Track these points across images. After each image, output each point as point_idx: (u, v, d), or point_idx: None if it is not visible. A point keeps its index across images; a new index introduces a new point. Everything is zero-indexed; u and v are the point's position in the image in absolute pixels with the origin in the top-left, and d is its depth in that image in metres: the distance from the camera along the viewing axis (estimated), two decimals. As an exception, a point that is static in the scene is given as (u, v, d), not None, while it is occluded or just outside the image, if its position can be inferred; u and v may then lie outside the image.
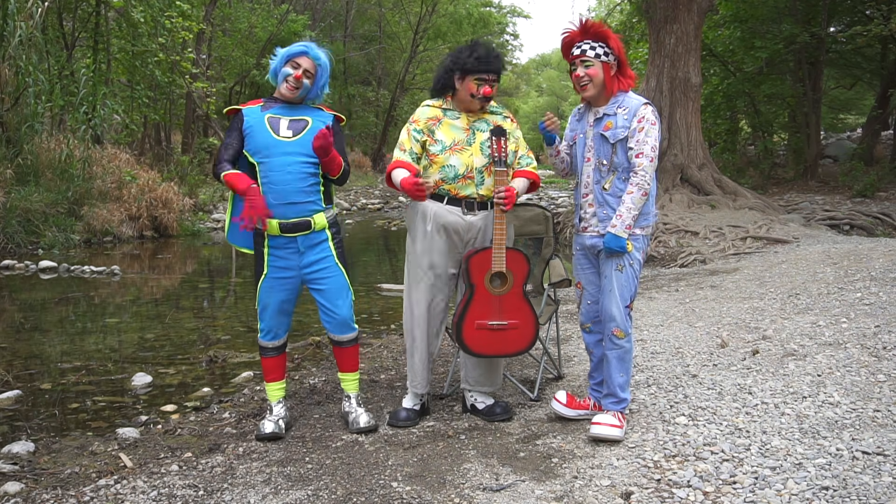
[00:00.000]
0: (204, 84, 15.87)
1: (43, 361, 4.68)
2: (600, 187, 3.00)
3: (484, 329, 3.12)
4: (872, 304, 4.47)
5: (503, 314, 3.12)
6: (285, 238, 3.09)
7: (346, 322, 3.20)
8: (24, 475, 2.83)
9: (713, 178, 11.30)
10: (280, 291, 3.13)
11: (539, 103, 54.83)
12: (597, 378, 3.21)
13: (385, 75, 28.43)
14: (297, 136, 3.08)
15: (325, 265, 3.13)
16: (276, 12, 21.07)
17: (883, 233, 10.23)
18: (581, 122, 3.10)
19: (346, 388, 3.31)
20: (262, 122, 3.10)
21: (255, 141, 3.07)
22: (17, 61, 9.73)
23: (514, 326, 3.13)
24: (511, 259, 3.08)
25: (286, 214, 3.05)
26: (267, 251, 3.11)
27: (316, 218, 3.10)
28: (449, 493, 2.54)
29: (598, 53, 2.91)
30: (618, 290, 2.97)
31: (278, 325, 3.20)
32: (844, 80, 19.81)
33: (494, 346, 3.14)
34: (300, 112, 3.15)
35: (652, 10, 11.39)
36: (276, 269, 3.11)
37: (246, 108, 3.18)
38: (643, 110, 2.92)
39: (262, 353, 3.25)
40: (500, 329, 3.12)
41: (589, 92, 2.96)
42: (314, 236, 3.12)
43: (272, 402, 3.26)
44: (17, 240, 9.04)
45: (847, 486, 2.30)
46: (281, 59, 3.11)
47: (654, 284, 6.66)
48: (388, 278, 7.90)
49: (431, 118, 3.18)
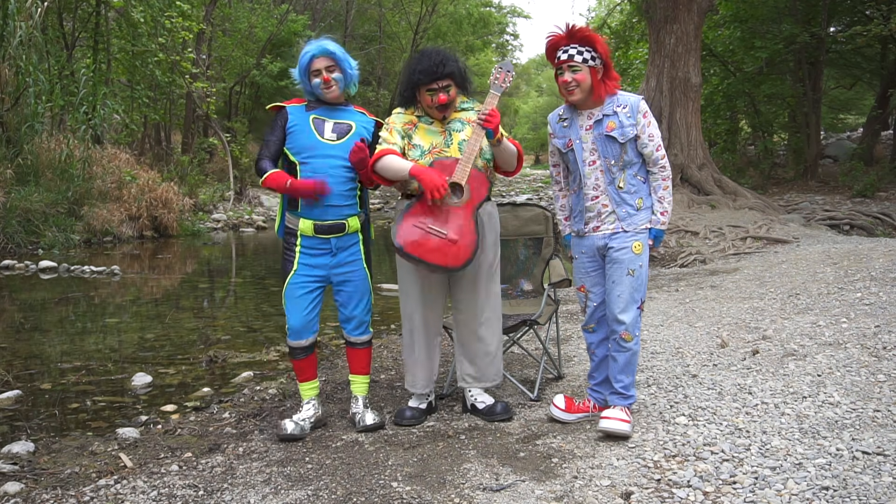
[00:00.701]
0: (204, 84, 15.88)
1: (43, 361, 4.68)
2: (614, 187, 2.99)
3: (420, 228, 2.97)
4: (872, 304, 4.48)
5: (446, 224, 2.98)
6: (319, 239, 3.10)
7: (364, 324, 3.24)
8: (24, 475, 2.83)
9: (713, 178, 11.31)
10: (307, 290, 3.12)
11: (539, 103, 54.84)
12: (597, 378, 3.20)
13: (385, 75, 28.43)
14: (341, 139, 3.10)
15: (354, 268, 3.17)
16: (276, 12, 21.09)
17: (883, 233, 10.23)
18: (571, 128, 3.06)
19: (357, 390, 3.31)
20: (306, 123, 3.10)
21: (298, 141, 3.08)
22: (17, 61, 9.74)
23: (452, 241, 2.97)
24: (474, 177, 3.04)
25: (323, 216, 3.07)
26: (298, 249, 3.12)
27: (350, 221, 3.13)
28: (449, 493, 2.54)
29: (585, 58, 2.91)
30: (629, 294, 2.96)
31: (305, 325, 3.17)
32: (844, 80, 19.82)
33: (427, 252, 2.95)
34: (344, 115, 3.18)
35: (652, 10, 11.39)
36: (305, 266, 3.11)
37: (290, 105, 3.18)
38: (642, 105, 2.99)
39: (292, 355, 3.23)
40: (436, 235, 2.97)
41: (576, 97, 2.96)
42: (347, 239, 3.14)
43: (303, 399, 3.27)
44: (17, 240, 9.05)
45: (847, 486, 2.30)
46: (301, 76, 3.12)
47: (654, 284, 6.66)
48: (388, 278, 7.90)
49: (407, 123, 3.18)
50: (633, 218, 3.00)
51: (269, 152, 3.12)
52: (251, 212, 14.38)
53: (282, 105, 3.19)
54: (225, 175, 16.14)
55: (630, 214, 2.99)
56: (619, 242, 2.99)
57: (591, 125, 3.01)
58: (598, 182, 3.01)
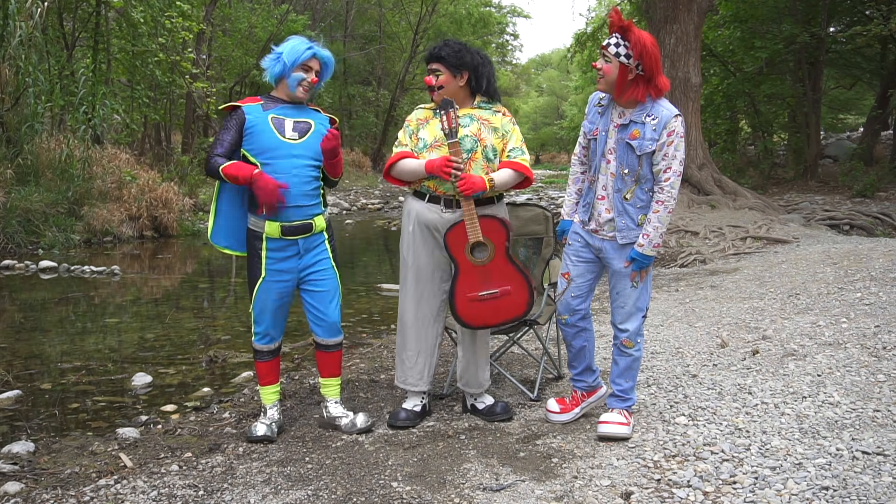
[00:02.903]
0: (204, 84, 15.87)
1: (43, 361, 4.68)
2: (621, 196, 2.89)
3: (476, 301, 3.07)
4: (872, 304, 4.48)
5: (492, 283, 3.07)
6: (286, 241, 3.04)
7: (336, 325, 3.18)
8: (24, 475, 2.83)
9: (713, 178, 11.31)
10: (278, 294, 3.08)
11: (539, 103, 54.80)
12: (577, 368, 3.17)
13: (385, 75, 28.44)
14: (303, 138, 3.05)
15: (322, 267, 3.12)
16: (276, 12, 21.07)
17: (883, 233, 10.23)
18: (604, 117, 2.95)
19: (329, 393, 3.26)
20: (265, 122, 3.02)
21: (258, 141, 3.00)
22: (17, 61, 9.72)
23: (507, 293, 3.07)
24: (486, 227, 3.04)
25: (289, 217, 3.01)
26: (265, 254, 3.04)
27: (317, 220, 3.09)
28: (449, 493, 2.54)
29: (618, 52, 2.79)
30: (633, 304, 2.93)
31: (275, 329, 3.16)
32: (844, 80, 19.82)
33: (490, 316, 3.08)
34: (302, 113, 3.11)
35: (652, 10, 11.39)
36: (274, 272, 3.05)
37: (246, 105, 3.08)
38: (673, 123, 2.80)
39: (257, 357, 3.20)
40: (491, 298, 3.07)
41: (600, 86, 2.89)
42: (314, 238, 3.10)
43: (266, 405, 3.23)
44: (17, 240, 9.04)
45: (847, 486, 2.30)
46: (289, 63, 3.00)
47: (654, 284, 6.66)
48: (388, 278, 7.90)
49: (421, 119, 3.20)
50: (630, 232, 2.90)
51: (222, 150, 2.98)
52: (251, 212, 14.39)
53: (237, 105, 3.08)
54: (225, 175, 16.14)
55: (629, 227, 2.90)
56: (619, 255, 2.92)
57: (619, 125, 2.89)
58: (606, 184, 2.93)
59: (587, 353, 3.14)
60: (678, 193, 2.90)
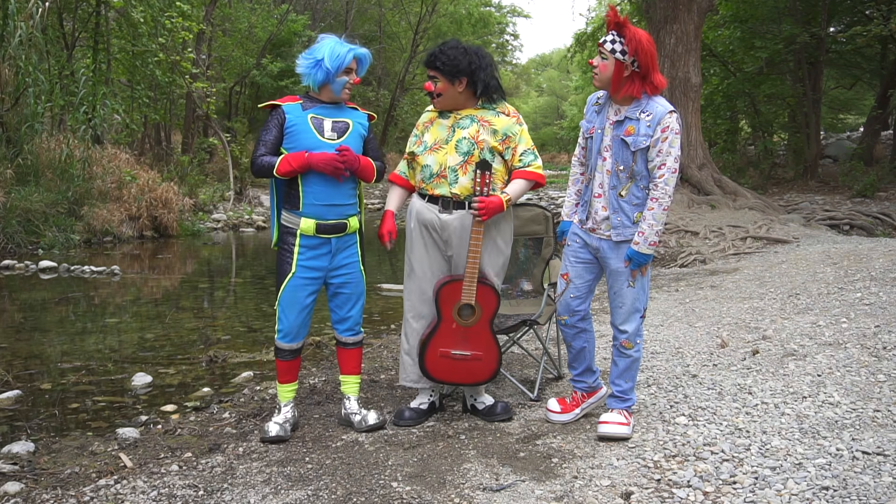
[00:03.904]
0: (204, 84, 15.87)
1: (43, 361, 4.68)
2: (616, 193, 2.90)
3: (447, 358, 3.15)
4: (872, 304, 4.47)
5: (468, 345, 3.14)
6: (319, 239, 3.04)
7: (358, 324, 3.23)
8: (24, 475, 2.83)
9: (713, 178, 11.32)
10: (306, 293, 3.07)
11: (539, 103, 54.78)
12: (577, 369, 3.18)
13: (385, 75, 28.42)
14: (341, 138, 3.05)
15: (351, 270, 3.14)
16: (276, 12, 21.09)
17: (883, 233, 10.23)
18: (600, 115, 2.97)
19: (348, 390, 3.30)
20: (305, 122, 3.01)
21: (298, 141, 2.99)
22: (17, 61, 9.73)
23: (477, 358, 3.15)
24: (481, 294, 3.07)
25: (325, 216, 3.02)
26: (297, 250, 3.04)
27: (351, 220, 3.11)
28: (449, 493, 2.54)
29: (614, 49, 2.79)
30: (630, 305, 2.93)
31: (299, 328, 3.14)
32: (844, 80, 19.82)
33: (455, 375, 3.18)
34: (341, 113, 3.11)
35: (652, 10, 11.40)
36: (304, 268, 3.05)
37: (286, 104, 3.06)
38: (668, 119, 2.79)
39: (279, 356, 3.18)
40: (462, 359, 3.15)
41: (596, 82, 2.90)
42: (347, 239, 3.11)
43: (281, 402, 3.24)
44: (17, 240, 9.04)
45: (847, 486, 2.30)
46: (332, 69, 2.96)
47: (654, 284, 6.66)
48: (388, 278, 7.90)
49: (426, 122, 3.22)
50: (625, 229, 2.90)
51: (267, 149, 3.00)
52: (251, 212, 14.37)
53: (276, 103, 3.07)
54: (225, 175, 16.14)
55: (624, 225, 2.89)
56: (616, 254, 2.92)
57: (614, 122, 2.90)
58: (602, 181, 2.94)
59: (587, 353, 3.14)
60: (676, 192, 2.91)
